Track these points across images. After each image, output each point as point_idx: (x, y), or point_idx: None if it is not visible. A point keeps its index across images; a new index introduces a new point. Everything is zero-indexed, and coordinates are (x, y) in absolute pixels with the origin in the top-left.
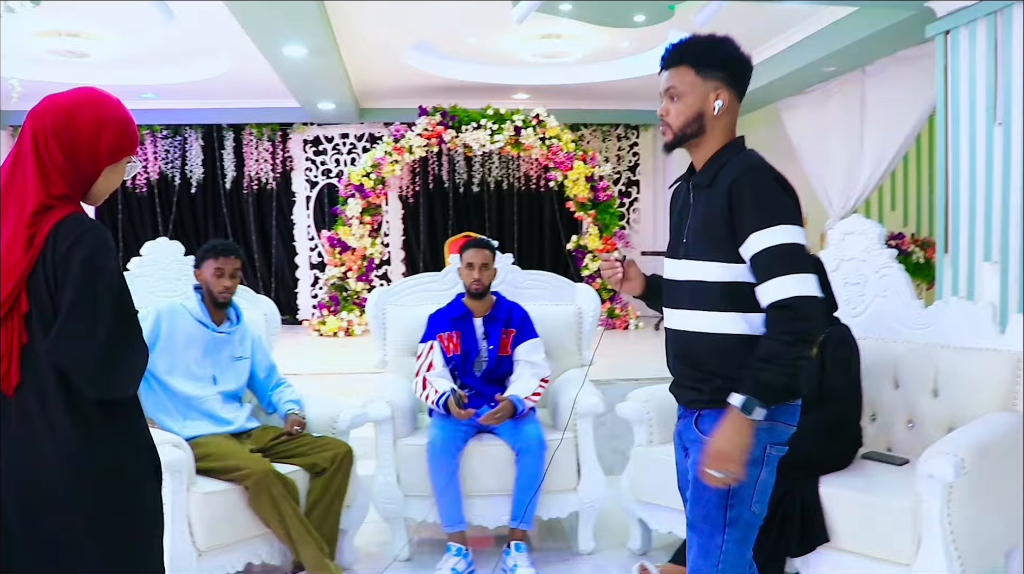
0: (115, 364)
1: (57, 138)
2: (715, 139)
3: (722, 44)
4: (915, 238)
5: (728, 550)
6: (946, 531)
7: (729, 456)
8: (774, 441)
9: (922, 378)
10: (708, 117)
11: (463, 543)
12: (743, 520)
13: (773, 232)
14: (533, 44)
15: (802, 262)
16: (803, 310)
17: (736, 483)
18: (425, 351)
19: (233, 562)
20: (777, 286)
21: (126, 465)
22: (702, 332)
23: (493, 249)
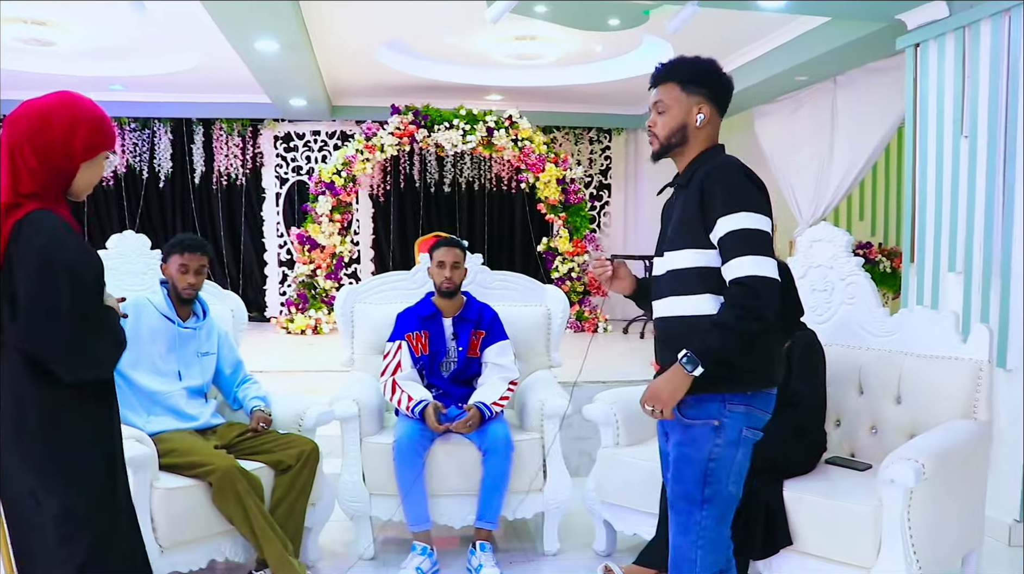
0: (82, 349)
1: (31, 143)
2: (696, 147)
3: (705, 64)
4: (882, 248)
5: (707, 526)
6: (906, 535)
7: (660, 397)
8: (750, 425)
9: (886, 385)
10: (691, 128)
11: (428, 542)
12: (721, 497)
13: (737, 217)
14: (507, 45)
15: (762, 246)
16: (757, 287)
17: (661, 418)
18: (393, 351)
19: (196, 559)
20: (737, 265)
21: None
22: (679, 315)
23: (464, 248)
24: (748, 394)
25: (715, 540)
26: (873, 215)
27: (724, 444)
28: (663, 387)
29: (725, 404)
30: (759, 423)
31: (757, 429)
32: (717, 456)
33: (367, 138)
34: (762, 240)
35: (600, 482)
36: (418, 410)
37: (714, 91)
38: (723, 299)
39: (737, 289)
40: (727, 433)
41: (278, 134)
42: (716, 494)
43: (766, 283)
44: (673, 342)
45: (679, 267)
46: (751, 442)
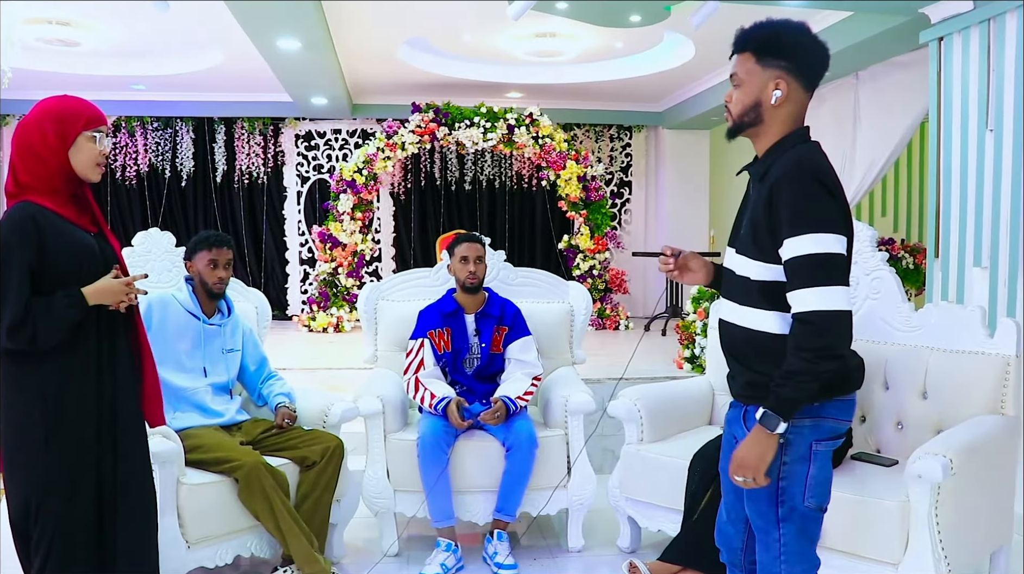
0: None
1: (23, 151)
2: (775, 129)
3: (788, 31)
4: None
5: (787, 542)
6: (933, 531)
7: (749, 465)
8: (820, 437)
9: (911, 380)
10: (766, 107)
11: (452, 539)
12: (797, 514)
13: (802, 241)
14: (527, 43)
15: (830, 273)
16: (821, 325)
17: (758, 486)
18: (415, 348)
19: (222, 554)
20: (799, 298)
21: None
22: (740, 326)
23: (484, 244)
24: (815, 406)
25: (799, 552)
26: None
27: (792, 461)
28: (749, 455)
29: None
30: (833, 432)
31: (833, 438)
32: (786, 474)
33: (388, 136)
34: (831, 266)
35: (624, 478)
36: (441, 407)
37: (797, 63)
38: (789, 329)
39: (800, 328)
40: (794, 449)
41: (299, 133)
42: (791, 511)
43: (832, 318)
44: (733, 351)
45: (745, 275)
46: (826, 454)
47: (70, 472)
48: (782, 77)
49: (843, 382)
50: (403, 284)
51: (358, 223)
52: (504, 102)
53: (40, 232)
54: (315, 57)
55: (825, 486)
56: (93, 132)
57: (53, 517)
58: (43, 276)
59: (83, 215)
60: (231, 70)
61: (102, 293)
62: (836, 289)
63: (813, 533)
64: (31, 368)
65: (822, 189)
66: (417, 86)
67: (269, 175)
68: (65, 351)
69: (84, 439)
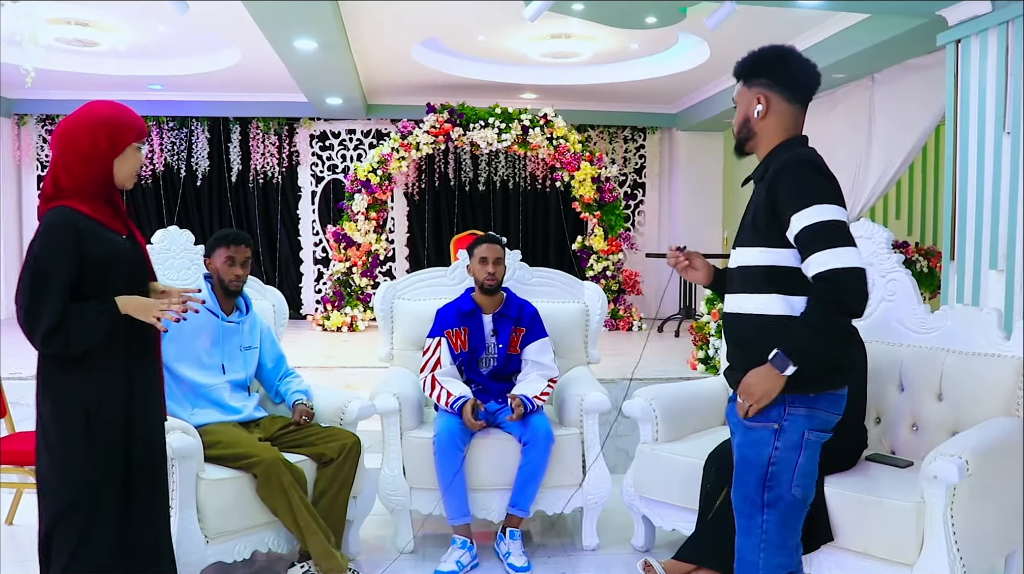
0: (25, 326)
1: (67, 154)
2: (768, 139)
3: (767, 52)
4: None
5: (769, 530)
6: (949, 532)
7: (754, 394)
8: (813, 427)
9: (927, 382)
10: (753, 121)
11: (468, 536)
12: (783, 502)
13: (809, 212)
14: (542, 44)
15: (839, 236)
16: (840, 280)
17: (750, 415)
18: (433, 347)
19: (240, 549)
20: (817, 261)
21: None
22: (746, 313)
23: (503, 245)
24: (811, 396)
25: (778, 544)
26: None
27: (784, 447)
28: (756, 384)
29: (786, 407)
30: (825, 424)
31: (823, 430)
32: (777, 459)
33: (403, 136)
34: (838, 230)
35: (639, 478)
36: (457, 406)
37: (777, 78)
38: (807, 297)
39: (820, 285)
40: (787, 436)
41: (314, 133)
42: (778, 498)
43: (849, 274)
44: (739, 340)
45: (747, 264)
46: (816, 444)
47: (103, 471)
48: (762, 93)
49: (840, 372)
50: (419, 283)
51: (372, 223)
52: (518, 103)
53: (80, 241)
54: (331, 57)
55: (811, 479)
56: (139, 143)
57: (82, 517)
58: (80, 282)
59: (115, 218)
60: (247, 70)
61: (135, 308)
62: (849, 249)
63: (794, 526)
64: (70, 370)
65: (818, 172)
66: (432, 87)
67: (284, 175)
68: (101, 354)
69: (115, 439)
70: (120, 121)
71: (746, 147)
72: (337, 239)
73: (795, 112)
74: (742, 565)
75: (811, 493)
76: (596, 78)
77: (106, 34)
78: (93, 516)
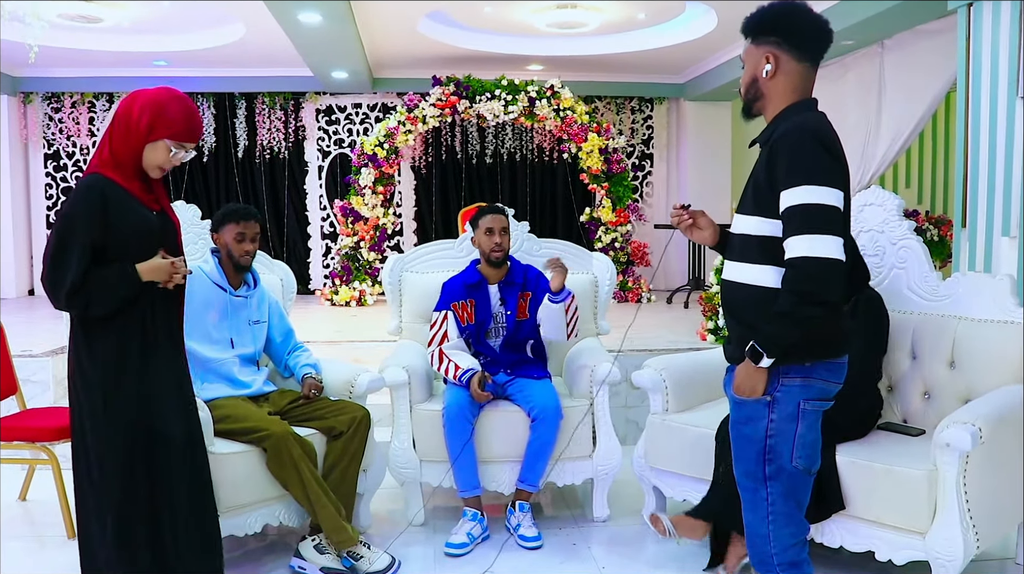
0: (49, 285)
1: (117, 121)
2: (776, 101)
3: (775, 9)
4: (929, 216)
5: (775, 503)
6: (962, 501)
7: (743, 390)
8: (809, 397)
9: (939, 350)
10: (761, 81)
11: (478, 508)
12: (785, 474)
13: (798, 191)
14: (548, 14)
15: (822, 223)
16: (809, 270)
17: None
18: (439, 321)
19: (252, 523)
20: (792, 245)
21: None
22: (740, 282)
23: (508, 216)
24: (806, 366)
25: (787, 514)
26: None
27: (780, 419)
28: (743, 381)
29: (780, 378)
30: (823, 394)
31: (822, 399)
32: (775, 432)
33: (409, 110)
34: (823, 216)
35: (649, 448)
36: (465, 379)
37: (786, 36)
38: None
39: (790, 272)
40: (782, 407)
41: (320, 107)
42: (779, 471)
43: (820, 264)
44: (732, 309)
45: (746, 233)
46: (814, 414)
47: (125, 433)
48: (772, 51)
49: (834, 342)
50: (427, 256)
51: (380, 197)
52: (525, 74)
53: (105, 207)
54: (336, 30)
55: (813, 448)
56: (173, 144)
57: (116, 476)
58: (104, 248)
59: (148, 193)
60: (252, 45)
61: (152, 271)
62: (827, 237)
63: (801, 496)
64: (96, 335)
65: (819, 146)
66: (438, 59)
67: (290, 150)
68: (122, 320)
69: (131, 412)
70: (167, 111)
71: (754, 108)
72: (344, 213)
73: (805, 72)
74: (752, 538)
75: (815, 462)
76: (603, 48)
77: (110, 10)
78: (124, 479)
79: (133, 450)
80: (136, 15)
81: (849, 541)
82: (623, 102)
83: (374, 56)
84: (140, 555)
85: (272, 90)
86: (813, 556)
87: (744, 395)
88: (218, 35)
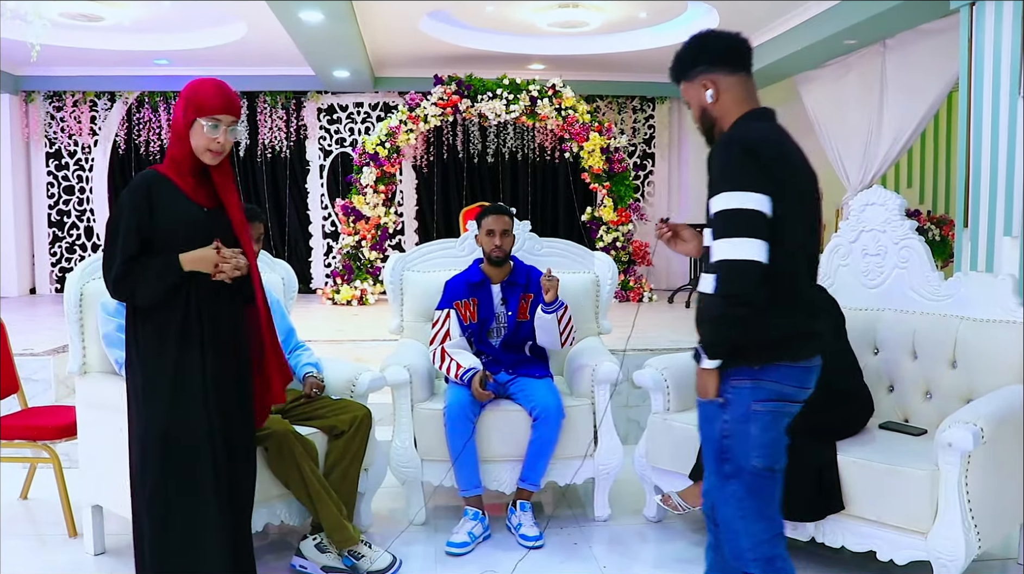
0: (104, 275)
1: (171, 129)
2: (728, 117)
3: (689, 45)
4: (931, 215)
5: (742, 498)
6: (963, 501)
7: (700, 392)
8: (760, 398)
9: (940, 349)
10: (709, 107)
11: (479, 507)
12: (745, 473)
13: (718, 199)
14: (550, 13)
15: (742, 226)
16: (728, 273)
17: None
18: (441, 319)
19: (253, 522)
20: (715, 249)
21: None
22: (702, 292)
23: (512, 215)
24: (755, 368)
25: (756, 510)
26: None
27: (733, 420)
28: (699, 385)
29: (729, 380)
30: (777, 395)
31: (778, 401)
32: (729, 433)
33: (410, 109)
34: (742, 219)
35: (650, 448)
36: (467, 378)
37: (712, 59)
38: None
39: (716, 275)
40: (734, 409)
41: (321, 106)
42: (738, 470)
43: (736, 266)
44: (696, 318)
45: (707, 244)
46: (768, 415)
47: (163, 425)
48: (706, 78)
49: (786, 345)
50: (428, 255)
51: (381, 196)
52: (527, 74)
53: (151, 200)
54: (337, 29)
55: (773, 447)
56: (205, 120)
57: (158, 463)
58: (150, 240)
59: (199, 189)
60: (253, 44)
61: (195, 261)
62: (745, 240)
63: (768, 494)
64: (139, 325)
65: (744, 153)
66: (439, 58)
67: (292, 149)
68: (162, 312)
69: (186, 398)
70: (193, 96)
71: (714, 135)
72: (346, 213)
73: (744, 81)
74: (727, 533)
75: (778, 461)
76: (604, 48)
77: (111, 8)
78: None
79: (148, 447)
80: (137, 14)
81: (850, 541)
82: (625, 101)
83: (376, 55)
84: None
85: (274, 89)
86: (814, 556)
87: (703, 396)
88: (220, 34)
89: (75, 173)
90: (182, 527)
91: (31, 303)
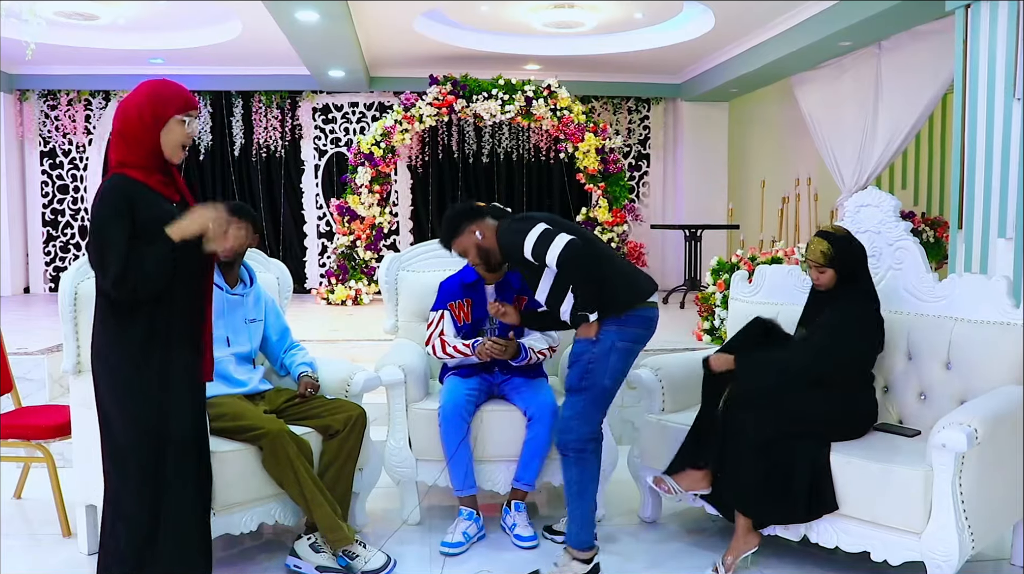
0: (103, 284)
1: (120, 125)
2: (494, 244)
3: (447, 219)
4: (926, 217)
5: (585, 405)
6: (957, 501)
7: (582, 334)
8: (622, 338)
9: (935, 350)
10: (483, 245)
11: (474, 507)
12: (597, 388)
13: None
14: (545, 14)
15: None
16: (563, 260)
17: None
18: (436, 320)
19: (247, 521)
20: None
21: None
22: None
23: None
24: (620, 318)
25: (590, 416)
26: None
27: (599, 352)
28: (582, 331)
29: (601, 326)
30: (634, 337)
31: (632, 342)
32: (593, 359)
33: (406, 109)
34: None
35: (645, 448)
36: (476, 346)
37: (466, 216)
38: None
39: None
40: (601, 345)
41: (316, 106)
42: (592, 385)
43: (564, 251)
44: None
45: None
46: (624, 349)
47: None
48: (472, 229)
49: (622, 300)
50: (423, 255)
51: (376, 196)
52: (522, 74)
53: (131, 206)
54: (333, 29)
55: (621, 374)
56: (183, 116)
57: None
58: (134, 239)
59: (168, 186)
60: (248, 43)
61: (186, 226)
62: (558, 238)
63: (604, 404)
64: (125, 326)
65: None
66: (435, 58)
67: (287, 149)
68: (149, 311)
69: (175, 395)
70: (161, 96)
71: (502, 263)
72: (341, 212)
73: (491, 217)
74: (564, 429)
75: (618, 386)
76: (600, 48)
77: (106, 7)
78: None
79: (137, 442)
80: (133, 13)
81: (844, 541)
82: (620, 102)
83: (371, 55)
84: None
85: (269, 88)
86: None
87: (580, 337)
88: (215, 33)
89: (69, 172)
90: (174, 519)
91: (25, 302)
